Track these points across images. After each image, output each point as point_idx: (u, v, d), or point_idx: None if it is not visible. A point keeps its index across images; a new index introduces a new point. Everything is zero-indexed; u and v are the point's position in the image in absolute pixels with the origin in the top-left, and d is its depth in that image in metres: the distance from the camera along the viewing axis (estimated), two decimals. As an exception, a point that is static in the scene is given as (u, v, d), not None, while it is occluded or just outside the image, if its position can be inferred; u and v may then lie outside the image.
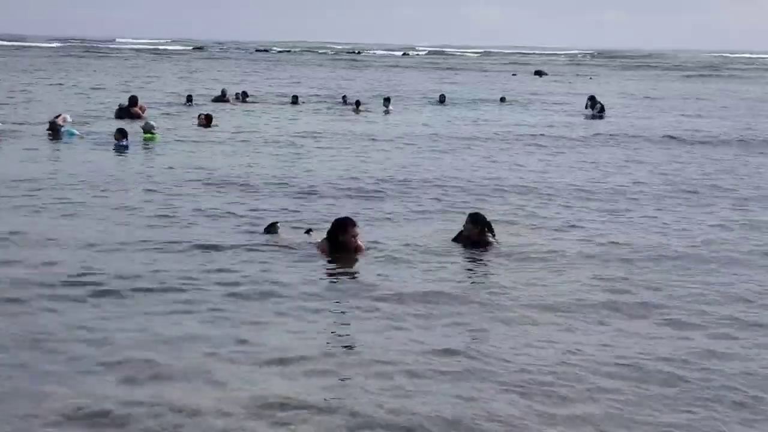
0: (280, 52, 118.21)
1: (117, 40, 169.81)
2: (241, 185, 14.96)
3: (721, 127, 28.00)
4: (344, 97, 35.06)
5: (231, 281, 9.02)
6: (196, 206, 12.96)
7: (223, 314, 8.01)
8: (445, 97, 36.93)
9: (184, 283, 8.87)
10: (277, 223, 11.13)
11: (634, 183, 16.53)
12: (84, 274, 9.06)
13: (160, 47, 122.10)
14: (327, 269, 9.66)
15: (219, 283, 8.93)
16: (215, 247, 10.35)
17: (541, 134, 24.78)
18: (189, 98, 31.78)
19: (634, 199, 14.90)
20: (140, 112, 26.02)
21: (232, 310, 8.15)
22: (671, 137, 24.62)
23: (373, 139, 22.67)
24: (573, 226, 12.44)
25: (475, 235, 10.62)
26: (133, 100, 26.61)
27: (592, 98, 33.32)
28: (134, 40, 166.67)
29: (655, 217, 13.33)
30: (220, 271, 9.39)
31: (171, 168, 16.62)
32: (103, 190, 14.06)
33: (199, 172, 16.25)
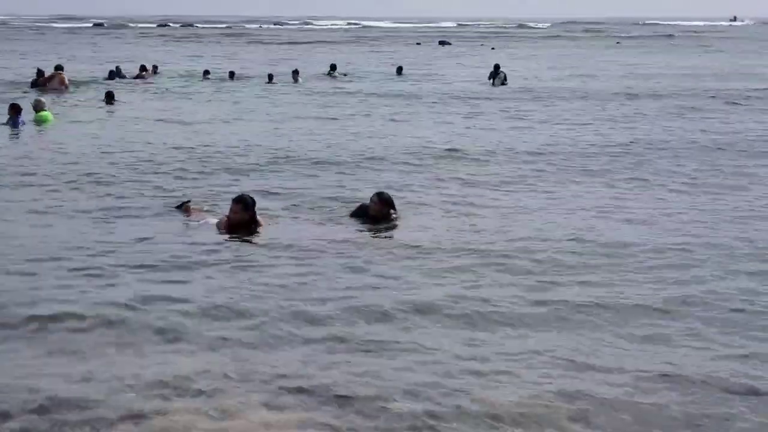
0: (182, 26, 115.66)
1: None
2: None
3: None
4: (231, 72, 34.86)
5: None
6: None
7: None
8: (335, 66, 36.92)
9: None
10: (189, 201, 11.13)
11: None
12: None
13: (44, 24, 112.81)
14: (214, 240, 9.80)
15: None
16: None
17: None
18: (111, 74, 31.93)
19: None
20: (58, 83, 25.23)
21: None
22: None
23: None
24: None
25: (381, 213, 10.76)
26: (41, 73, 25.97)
27: (495, 68, 33.62)
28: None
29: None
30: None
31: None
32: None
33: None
